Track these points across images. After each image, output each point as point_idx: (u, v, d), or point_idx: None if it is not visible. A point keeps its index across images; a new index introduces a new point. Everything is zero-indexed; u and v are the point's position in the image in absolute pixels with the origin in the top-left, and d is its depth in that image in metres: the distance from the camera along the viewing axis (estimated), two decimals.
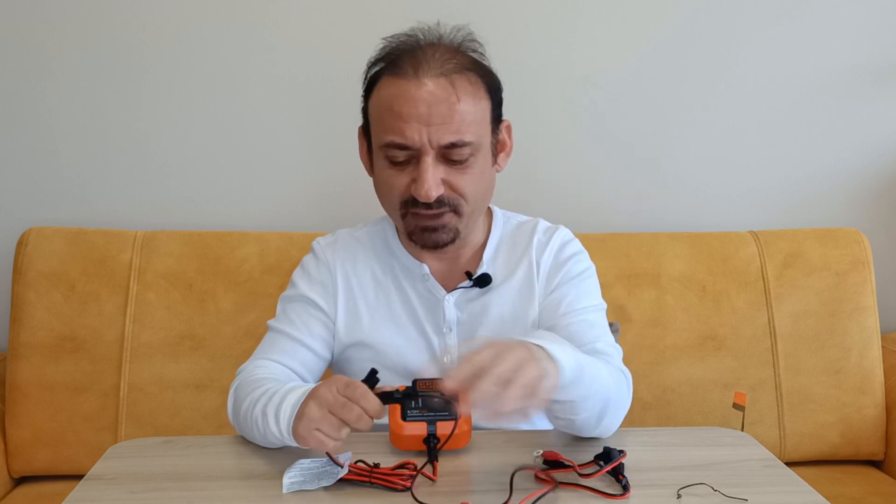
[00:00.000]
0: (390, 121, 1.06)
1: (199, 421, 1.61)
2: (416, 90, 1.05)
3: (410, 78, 1.05)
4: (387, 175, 1.11)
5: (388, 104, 1.07)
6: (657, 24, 1.80)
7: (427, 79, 1.05)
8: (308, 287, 1.21)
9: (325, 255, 1.23)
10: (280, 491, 0.92)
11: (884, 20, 1.82)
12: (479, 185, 1.11)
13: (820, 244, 1.72)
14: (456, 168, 1.09)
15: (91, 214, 1.78)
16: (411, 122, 1.05)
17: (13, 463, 1.61)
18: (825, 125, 1.85)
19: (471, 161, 1.09)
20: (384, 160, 1.10)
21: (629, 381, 1.11)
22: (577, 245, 1.24)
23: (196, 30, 1.75)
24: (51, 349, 1.60)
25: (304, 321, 1.19)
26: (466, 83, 1.07)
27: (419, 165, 1.07)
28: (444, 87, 1.05)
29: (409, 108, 1.05)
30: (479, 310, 1.19)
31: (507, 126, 1.18)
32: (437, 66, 1.06)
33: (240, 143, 1.80)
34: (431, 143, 1.05)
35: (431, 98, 1.04)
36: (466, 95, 1.07)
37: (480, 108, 1.09)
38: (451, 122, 1.05)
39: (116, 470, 0.99)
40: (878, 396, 1.68)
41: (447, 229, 1.12)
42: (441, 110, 1.04)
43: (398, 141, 1.06)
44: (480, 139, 1.09)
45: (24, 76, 1.75)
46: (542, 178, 1.83)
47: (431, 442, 0.99)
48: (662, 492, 0.92)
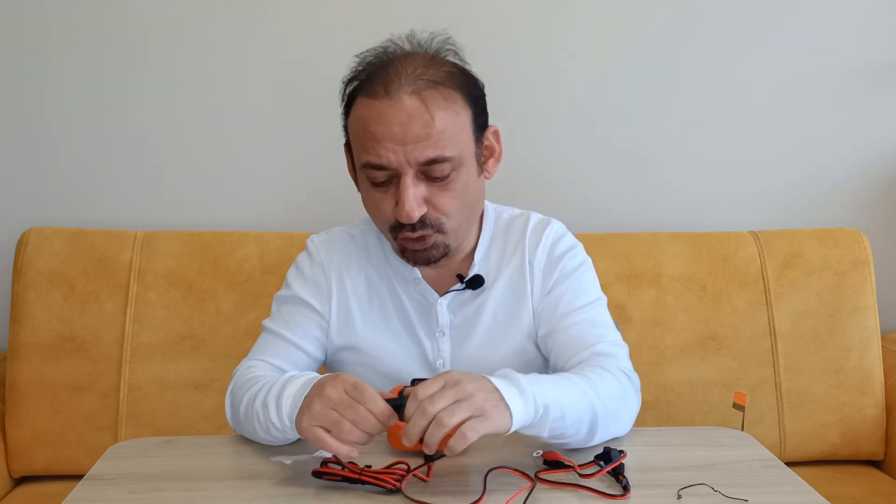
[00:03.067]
0: (366, 142, 1.05)
1: (199, 421, 1.61)
2: (388, 110, 1.03)
3: (382, 98, 1.03)
4: (371, 196, 1.10)
5: (363, 126, 1.05)
6: (657, 23, 1.80)
7: (399, 97, 1.03)
8: (302, 287, 1.20)
9: (320, 254, 1.22)
10: (280, 491, 0.92)
11: (884, 20, 1.82)
12: (462, 201, 1.09)
13: (820, 244, 1.72)
14: (437, 185, 1.06)
15: (91, 214, 1.78)
16: (386, 142, 1.03)
17: (13, 463, 1.61)
18: (825, 125, 1.85)
19: (452, 176, 1.06)
20: (366, 181, 1.09)
21: (635, 383, 1.10)
22: (571, 239, 1.22)
23: (196, 30, 1.75)
24: (51, 349, 1.60)
25: (298, 322, 1.19)
26: (440, 98, 1.04)
27: (399, 186, 1.05)
28: (417, 107, 1.03)
29: (383, 129, 1.03)
30: (472, 312, 1.18)
31: (494, 132, 1.15)
32: (409, 82, 1.04)
33: (240, 143, 1.80)
34: (409, 161, 1.03)
35: (404, 117, 1.02)
36: (441, 110, 1.04)
37: (459, 121, 1.06)
38: (428, 139, 1.03)
39: (116, 470, 0.99)
40: (878, 396, 1.68)
41: (435, 247, 1.10)
42: (415, 128, 1.02)
43: (375, 161, 1.04)
44: (461, 152, 1.06)
45: (24, 76, 1.75)
46: (541, 178, 1.83)
47: None
48: (663, 492, 0.92)
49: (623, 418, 1.07)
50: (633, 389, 1.10)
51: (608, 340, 1.13)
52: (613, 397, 1.04)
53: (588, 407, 1.00)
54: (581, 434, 1.00)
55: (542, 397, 0.94)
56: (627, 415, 1.08)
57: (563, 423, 0.97)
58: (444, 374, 0.92)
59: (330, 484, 0.93)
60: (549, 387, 0.97)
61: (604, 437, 1.04)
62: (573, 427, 0.98)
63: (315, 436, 0.92)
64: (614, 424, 1.05)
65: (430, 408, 0.87)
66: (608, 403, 1.02)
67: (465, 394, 0.88)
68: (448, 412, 0.87)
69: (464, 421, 0.87)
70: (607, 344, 1.13)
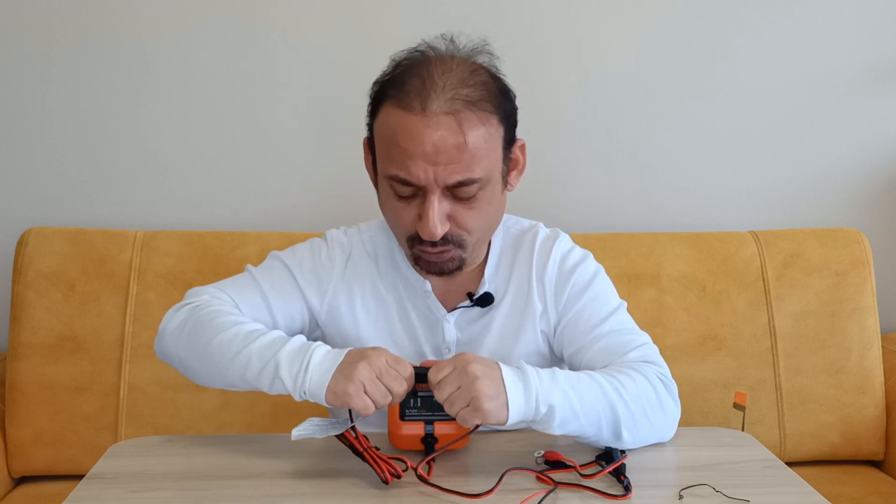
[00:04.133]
0: (396, 155, 1.02)
1: (199, 421, 1.61)
2: (423, 128, 0.99)
3: (417, 113, 0.99)
4: (392, 206, 1.07)
5: (393, 137, 1.02)
6: (657, 23, 1.80)
7: (434, 117, 0.99)
8: (300, 273, 1.17)
9: (334, 253, 1.19)
10: (280, 491, 0.93)
11: (884, 20, 1.82)
12: (485, 218, 1.08)
13: (820, 244, 1.72)
14: (463, 204, 1.04)
15: (91, 214, 1.78)
16: (417, 160, 1.00)
17: (13, 463, 1.61)
18: (825, 125, 1.85)
19: (479, 195, 1.04)
20: (389, 190, 1.06)
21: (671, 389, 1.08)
22: (579, 252, 1.20)
23: (196, 30, 1.75)
24: (51, 349, 1.60)
25: (283, 292, 1.15)
26: (475, 119, 1.01)
27: (424, 203, 1.03)
28: (452, 128, 0.99)
29: (415, 147, 1.00)
30: (479, 330, 1.16)
31: (521, 146, 1.12)
32: (446, 100, 1.00)
33: (240, 143, 1.80)
34: (438, 181, 1.01)
35: (438, 138, 0.99)
36: (475, 132, 1.01)
37: (491, 141, 1.04)
38: (459, 162, 1.00)
39: (116, 469, 0.99)
40: (878, 396, 1.68)
41: (452, 260, 1.09)
42: (448, 150, 0.99)
43: (403, 177, 1.02)
44: (490, 172, 1.04)
45: (25, 76, 1.75)
46: (541, 178, 1.83)
47: (428, 442, 0.99)
48: (664, 492, 0.92)
49: (658, 422, 1.05)
50: (670, 395, 1.08)
51: (638, 345, 1.11)
52: (640, 399, 1.02)
53: (608, 407, 0.99)
54: (604, 434, 1.01)
55: (547, 397, 0.95)
56: (664, 419, 1.06)
57: (578, 423, 0.98)
58: (455, 357, 0.96)
59: (331, 484, 0.93)
60: (564, 386, 0.97)
61: (639, 440, 1.04)
62: (592, 427, 0.99)
63: (363, 403, 0.93)
64: (646, 427, 1.03)
65: (438, 394, 0.95)
66: (633, 405, 1.01)
67: (469, 379, 0.93)
68: (449, 401, 0.94)
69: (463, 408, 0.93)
70: (639, 350, 1.11)
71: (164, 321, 1.11)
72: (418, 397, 1.00)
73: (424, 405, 1.00)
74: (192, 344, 1.06)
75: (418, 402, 1.00)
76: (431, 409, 1.00)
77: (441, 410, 0.97)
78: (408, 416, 1.00)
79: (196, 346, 1.05)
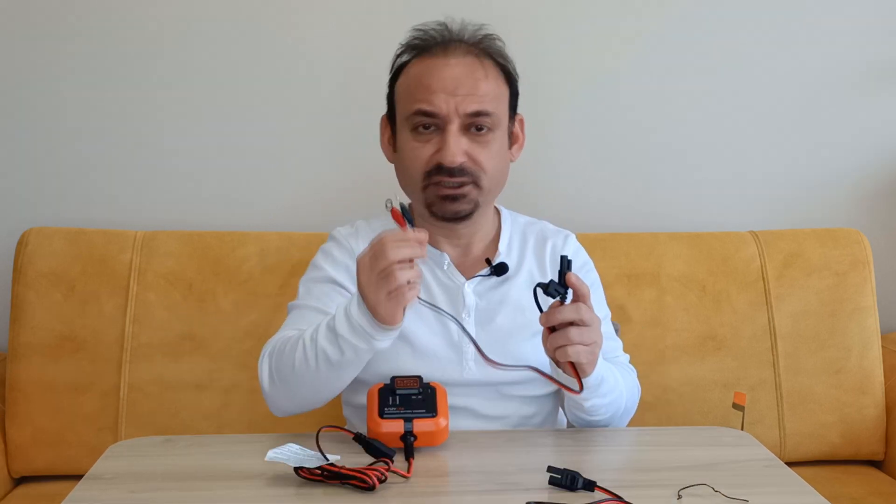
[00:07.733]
0: (419, 92, 1.15)
1: (199, 421, 1.61)
2: (444, 66, 1.15)
3: (439, 56, 1.17)
4: (411, 147, 1.17)
5: (417, 79, 1.17)
6: (657, 23, 1.80)
7: (454, 57, 1.16)
8: (333, 269, 1.23)
9: (349, 242, 1.26)
10: (279, 491, 0.93)
11: (884, 20, 1.82)
12: (497, 162, 1.19)
13: (820, 244, 1.72)
14: (478, 142, 1.16)
15: (91, 214, 1.78)
16: (439, 92, 1.14)
17: (13, 463, 1.61)
18: (825, 125, 1.85)
19: (490, 137, 1.17)
20: (409, 132, 1.17)
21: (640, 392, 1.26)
22: (586, 254, 1.31)
23: (196, 30, 1.75)
24: (51, 349, 1.60)
25: (331, 298, 1.20)
26: (491, 66, 1.18)
27: (444, 134, 1.14)
28: (471, 64, 1.16)
29: (437, 81, 1.14)
30: (497, 298, 1.22)
31: (520, 120, 1.27)
32: (466, 48, 1.18)
33: (240, 143, 1.79)
34: (458, 111, 1.14)
35: (459, 71, 1.15)
36: (490, 76, 1.17)
37: (501, 92, 1.19)
38: (476, 94, 1.14)
39: (116, 470, 0.99)
40: (878, 396, 1.68)
41: (467, 200, 1.17)
42: (467, 83, 1.14)
43: (426, 108, 1.14)
44: (500, 116, 1.18)
45: (24, 76, 1.75)
46: (542, 177, 1.83)
47: (407, 440, 1.00)
48: (663, 492, 0.92)
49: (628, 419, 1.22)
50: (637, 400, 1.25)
51: (621, 353, 1.27)
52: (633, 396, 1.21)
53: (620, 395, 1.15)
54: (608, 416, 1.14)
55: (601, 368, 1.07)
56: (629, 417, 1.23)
57: (603, 400, 1.10)
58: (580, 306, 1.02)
59: (332, 484, 0.93)
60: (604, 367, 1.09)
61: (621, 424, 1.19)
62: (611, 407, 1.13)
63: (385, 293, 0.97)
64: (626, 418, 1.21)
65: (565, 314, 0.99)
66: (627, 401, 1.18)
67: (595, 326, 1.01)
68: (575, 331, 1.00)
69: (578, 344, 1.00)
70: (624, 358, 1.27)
71: (261, 382, 1.14)
72: (397, 395, 1.02)
73: (403, 403, 1.02)
74: (286, 382, 1.10)
75: (397, 401, 1.02)
76: (410, 407, 1.02)
77: (419, 408, 0.99)
78: (386, 413, 1.01)
79: (290, 383, 1.09)
